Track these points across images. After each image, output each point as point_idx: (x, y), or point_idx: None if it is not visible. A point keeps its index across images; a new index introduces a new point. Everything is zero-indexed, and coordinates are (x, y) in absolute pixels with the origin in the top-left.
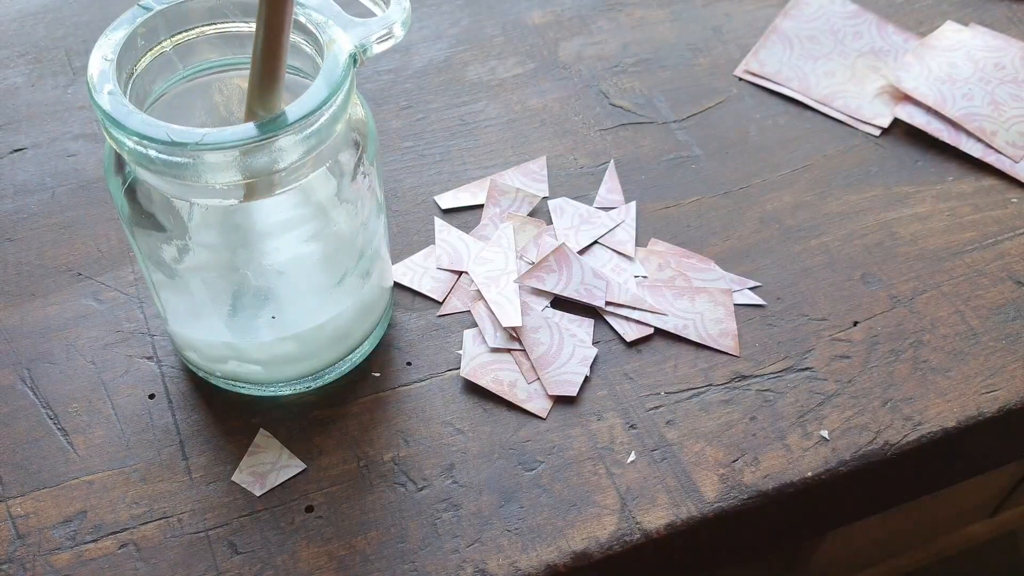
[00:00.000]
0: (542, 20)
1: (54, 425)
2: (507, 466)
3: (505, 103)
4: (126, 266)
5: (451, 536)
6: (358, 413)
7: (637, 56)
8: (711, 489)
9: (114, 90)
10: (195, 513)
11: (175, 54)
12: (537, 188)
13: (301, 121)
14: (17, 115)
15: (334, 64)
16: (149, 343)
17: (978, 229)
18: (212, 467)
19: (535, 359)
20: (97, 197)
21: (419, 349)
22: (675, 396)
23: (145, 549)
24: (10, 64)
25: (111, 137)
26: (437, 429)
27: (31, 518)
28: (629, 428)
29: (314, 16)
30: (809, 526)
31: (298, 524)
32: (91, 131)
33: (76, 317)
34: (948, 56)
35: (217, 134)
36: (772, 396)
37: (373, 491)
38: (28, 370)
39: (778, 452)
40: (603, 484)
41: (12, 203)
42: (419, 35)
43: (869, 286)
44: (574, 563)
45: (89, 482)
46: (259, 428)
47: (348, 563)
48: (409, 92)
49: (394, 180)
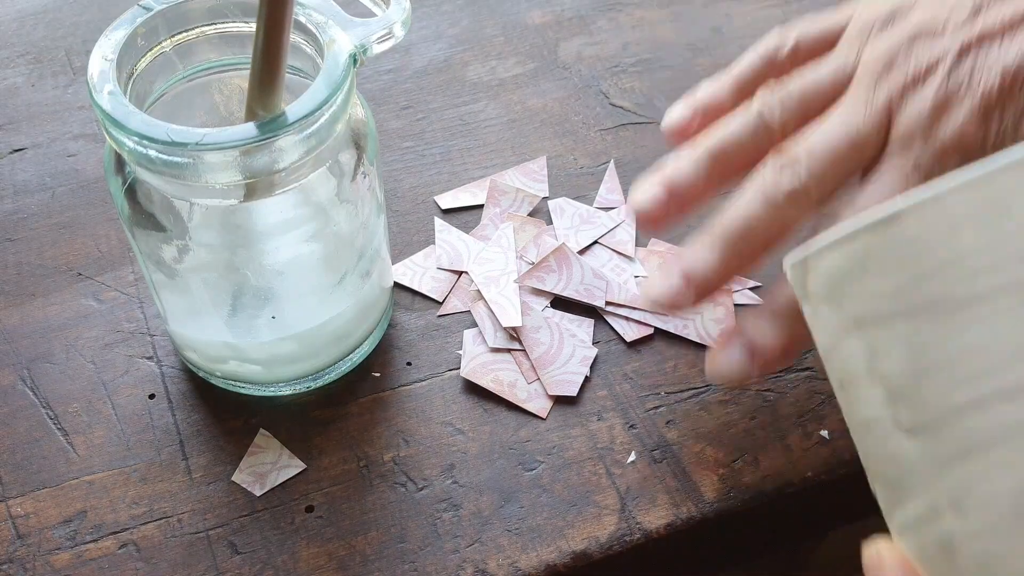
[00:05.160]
0: (542, 20)
1: (54, 425)
2: (507, 466)
3: (505, 103)
4: (126, 266)
5: (451, 536)
6: (358, 413)
7: (637, 56)
8: (711, 489)
9: (114, 90)
10: (195, 513)
11: (175, 54)
12: (537, 188)
13: (301, 121)
14: (17, 115)
15: (334, 64)
16: (149, 343)
17: None
18: (212, 467)
19: (535, 359)
20: (97, 197)
21: (419, 349)
22: (675, 396)
23: (145, 549)
24: (10, 64)
25: (111, 137)
26: (437, 429)
27: (31, 518)
28: (629, 428)
29: (314, 16)
30: (809, 526)
31: (298, 524)
32: (91, 131)
33: (76, 317)
34: None
35: (217, 134)
36: (772, 396)
37: (373, 491)
38: (28, 370)
39: (778, 452)
40: (603, 484)
41: (12, 203)
42: (419, 35)
43: None
44: (574, 563)
45: (89, 482)
46: (259, 428)
47: (348, 563)
48: (409, 92)
49: (394, 180)
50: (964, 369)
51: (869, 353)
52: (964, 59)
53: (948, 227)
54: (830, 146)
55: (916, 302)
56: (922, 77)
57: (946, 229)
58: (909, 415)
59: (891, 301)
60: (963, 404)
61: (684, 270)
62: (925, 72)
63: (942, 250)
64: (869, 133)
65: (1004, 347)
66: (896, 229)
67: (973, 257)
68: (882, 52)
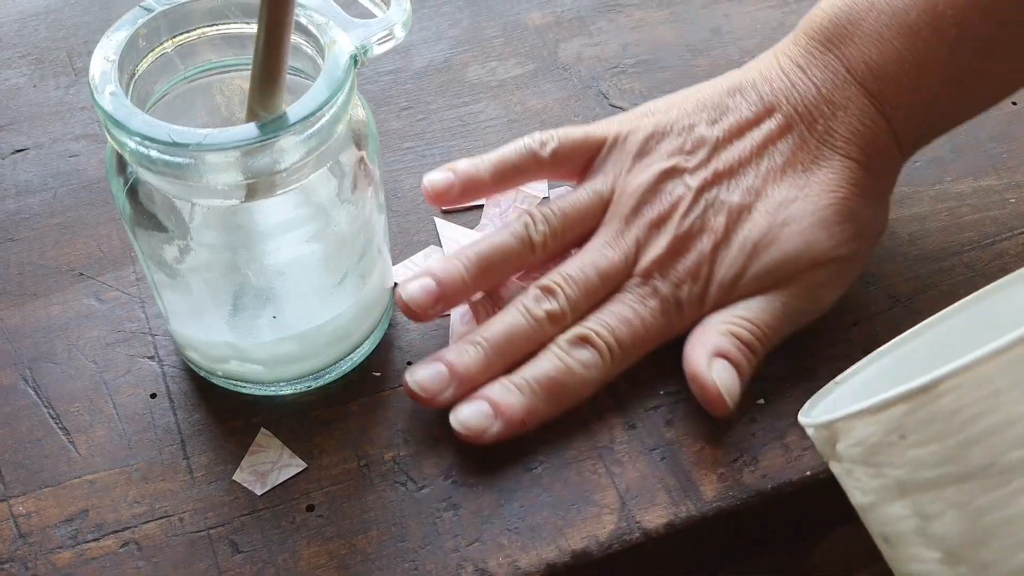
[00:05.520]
0: (542, 21)
1: (56, 425)
2: (507, 465)
3: (505, 104)
4: (128, 266)
5: (451, 535)
6: (359, 412)
7: (637, 57)
8: (710, 488)
9: (116, 91)
10: (196, 512)
11: (176, 55)
12: (537, 188)
13: (302, 122)
14: (19, 116)
15: (335, 65)
16: (151, 343)
17: (976, 229)
18: (213, 466)
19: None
20: (99, 197)
21: (419, 349)
22: (675, 396)
23: (146, 548)
24: (12, 65)
25: (113, 138)
26: (437, 429)
27: (33, 517)
28: (629, 428)
29: (315, 17)
30: (808, 526)
31: (299, 523)
32: (93, 132)
33: (78, 317)
34: None
35: (218, 135)
36: (772, 396)
37: (374, 490)
38: (30, 370)
39: (777, 452)
40: (603, 483)
41: (14, 203)
42: (419, 36)
43: (868, 286)
44: (574, 562)
45: (91, 481)
46: (260, 427)
47: (348, 562)
48: (409, 93)
49: (394, 180)
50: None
51: (919, 516)
52: (699, 200)
53: (989, 396)
54: (585, 278)
55: (964, 469)
56: (665, 218)
57: (987, 398)
58: (972, 575)
59: (937, 468)
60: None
61: (449, 362)
62: (668, 212)
63: (985, 419)
64: (618, 265)
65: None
66: (933, 398)
67: (1020, 424)
68: (633, 188)
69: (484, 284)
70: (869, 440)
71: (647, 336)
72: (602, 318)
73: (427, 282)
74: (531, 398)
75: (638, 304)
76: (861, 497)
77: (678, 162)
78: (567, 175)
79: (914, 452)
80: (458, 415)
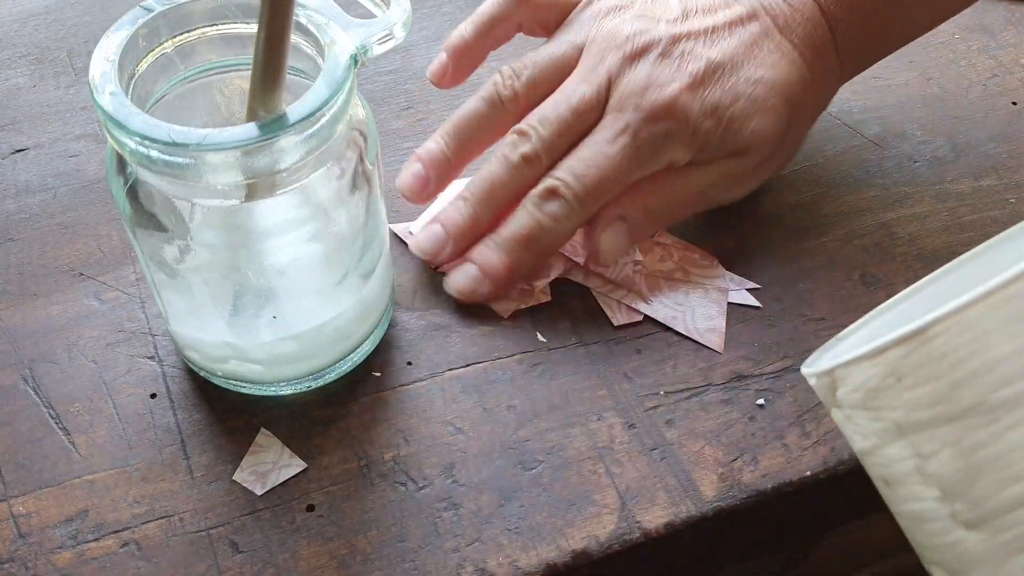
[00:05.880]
0: None
1: (56, 425)
2: (507, 466)
3: None
4: (128, 266)
5: (451, 535)
6: (359, 413)
7: None
8: (710, 488)
9: (116, 91)
10: (196, 512)
11: (176, 55)
12: None
13: (302, 122)
14: (19, 116)
15: (335, 65)
16: (151, 343)
17: (976, 229)
18: (213, 466)
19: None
20: (99, 197)
21: (419, 349)
22: (674, 396)
23: (146, 548)
24: (12, 65)
25: (113, 138)
26: (437, 429)
27: (33, 517)
28: (629, 428)
29: (315, 17)
30: (808, 526)
31: (299, 523)
32: (93, 132)
33: (78, 317)
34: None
35: (218, 135)
36: (771, 396)
37: (374, 490)
38: (30, 370)
39: (777, 452)
40: (603, 483)
41: (14, 203)
42: (420, 36)
43: (868, 286)
44: (574, 562)
45: (91, 481)
46: (260, 427)
47: (349, 562)
48: (410, 93)
49: (394, 180)
50: (1014, 466)
51: (917, 456)
52: (675, 46)
53: (976, 338)
54: (558, 116)
55: (956, 408)
56: (640, 53)
57: (975, 340)
58: (967, 510)
59: (931, 408)
60: (1018, 497)
61: (443, 222)
62: (644, 48)
63: (974, 360)
64: (590, 101)
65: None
66: (925, 341)
67: (1006, 364)
68: (607, 32)
69: (466, 154)
70: (867, 384)
71: (615, 178)
72: (570, 164)
73: (415, 167)
74: (511, 255)
75: (607, 145)
76: (862, 441)
77: (655, 14)
78: (543, 29)
79: (910, 394)
80: (449, 282)
